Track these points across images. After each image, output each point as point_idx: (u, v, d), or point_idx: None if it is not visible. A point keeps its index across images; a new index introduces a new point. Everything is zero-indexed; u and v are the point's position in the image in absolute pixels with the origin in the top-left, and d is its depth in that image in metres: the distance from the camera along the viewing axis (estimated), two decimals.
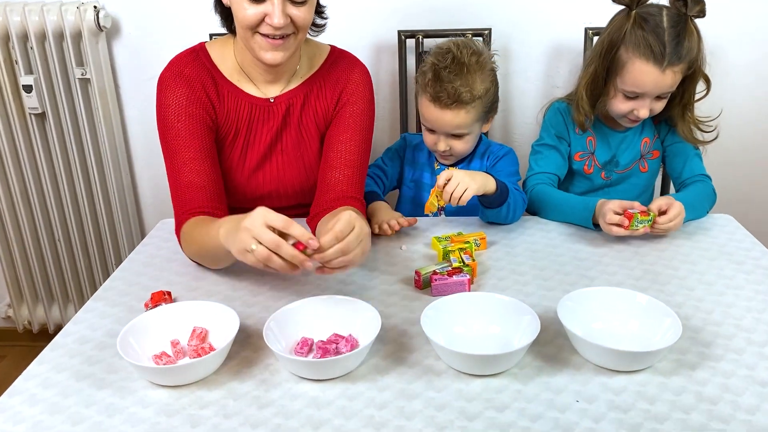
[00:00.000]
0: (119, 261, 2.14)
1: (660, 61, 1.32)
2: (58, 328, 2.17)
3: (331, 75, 1.40)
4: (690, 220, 1.38)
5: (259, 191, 1.41)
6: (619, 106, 1.43)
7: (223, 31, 1.38)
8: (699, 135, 1.50)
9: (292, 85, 1.38)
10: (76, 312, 1.47)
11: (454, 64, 1.38)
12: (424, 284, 1.18)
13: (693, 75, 1.41)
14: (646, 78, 1.35)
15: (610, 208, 1.28)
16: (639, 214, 1.27)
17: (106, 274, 2.16)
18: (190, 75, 1.32)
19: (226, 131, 1.36)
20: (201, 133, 1.31)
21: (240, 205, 1.43)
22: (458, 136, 1.45)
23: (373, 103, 1.44)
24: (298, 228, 0.98)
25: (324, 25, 1.39)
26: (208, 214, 1.26)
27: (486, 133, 1.68)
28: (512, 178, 1.47)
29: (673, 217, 1.28)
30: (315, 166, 1.42)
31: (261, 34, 1.23)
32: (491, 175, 1.34)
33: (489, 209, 1.37)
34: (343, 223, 1.00)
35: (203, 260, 1.26)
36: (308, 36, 1.39)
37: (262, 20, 1.21)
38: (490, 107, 1.46)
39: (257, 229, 0.97)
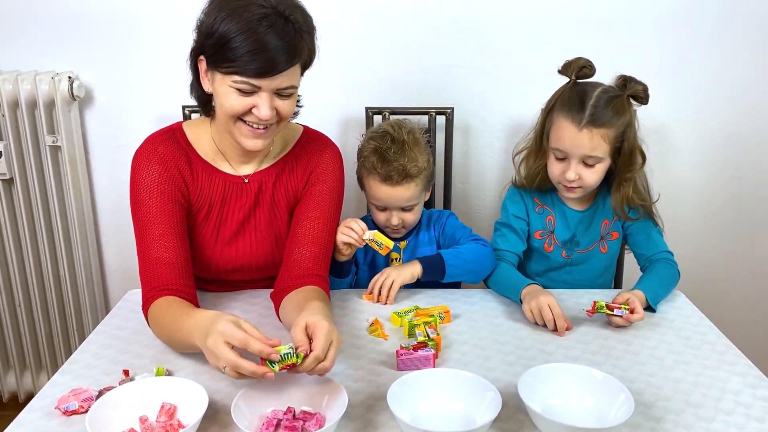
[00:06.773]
0: (81, 328, 2.11)
1: (578, 120, 1.42)
2: (13, 396, 2.11)
3: (302, 156, 1.44)
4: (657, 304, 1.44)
5: (231, 264, 1.43)
6: (552, 168, 1.52)
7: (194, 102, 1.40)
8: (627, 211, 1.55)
9: (265, 165, 1.43)
10: (33, 380, 1.46)
11: (395, 144, 1.49)
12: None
13: (630, 151, 1.48)
14: (564, 133, 1.45)
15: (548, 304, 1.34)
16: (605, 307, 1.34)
17: (67, 342, 2.13)
18: (164, 153, 1.35)
19: (198, 207, 1.39)
20: (172, 210, 1.33)
21: (213, 277, 1.45)
22: (408, 209, 1.54)
23: (343, 183, 1.49)
24: (256, 345, 1.00)
25: (298, 112, 1.43)
26: (176, 291, 1.27)
27: (427, 204, 1.77)
28: (466, 231, 1.60)
29: (639, 312, 1.34)
30: (285, 242, 1.44)
31: (244, 121, 1.27)
32: (418, 261, 1.48)
33: (441, 281, 1.47)
34: (323, 340, 1.04)
35: (171, 346, 1.26)
36: None
37: (249, 110, 1.25)
38: (430, 176, 1.59)
39: (218, 350, 1.00)
